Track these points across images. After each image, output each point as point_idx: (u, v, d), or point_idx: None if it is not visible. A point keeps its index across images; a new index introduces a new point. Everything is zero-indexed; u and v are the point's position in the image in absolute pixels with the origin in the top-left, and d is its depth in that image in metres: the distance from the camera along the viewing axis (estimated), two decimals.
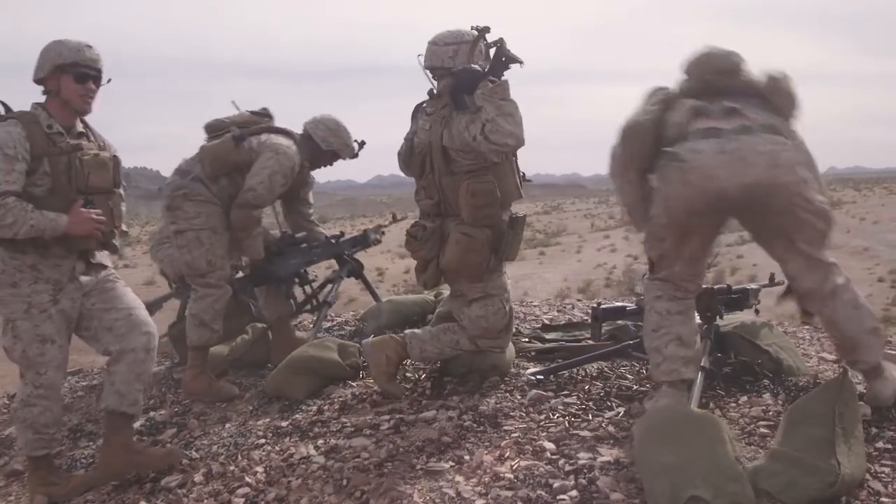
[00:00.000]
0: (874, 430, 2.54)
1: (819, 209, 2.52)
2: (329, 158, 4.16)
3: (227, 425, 3.37)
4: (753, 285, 3.51)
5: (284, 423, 3.20)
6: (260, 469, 2.77)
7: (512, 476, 2.40)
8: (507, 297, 3.31)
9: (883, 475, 2.27)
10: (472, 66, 3.08)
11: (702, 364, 2.86)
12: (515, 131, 3.00)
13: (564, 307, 5.24)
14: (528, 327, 4.31)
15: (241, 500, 2.59)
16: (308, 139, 4.08)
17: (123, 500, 2.81)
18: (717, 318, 3.23)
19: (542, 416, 2.88)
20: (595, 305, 3.63)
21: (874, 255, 18.68)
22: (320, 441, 2.93)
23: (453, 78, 3.11)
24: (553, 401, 3.02)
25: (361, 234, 4.67)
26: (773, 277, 3.43)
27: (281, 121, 4.10)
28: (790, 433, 2.29)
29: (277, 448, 2.95)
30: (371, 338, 3.43)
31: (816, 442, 2.20)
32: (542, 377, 3.30)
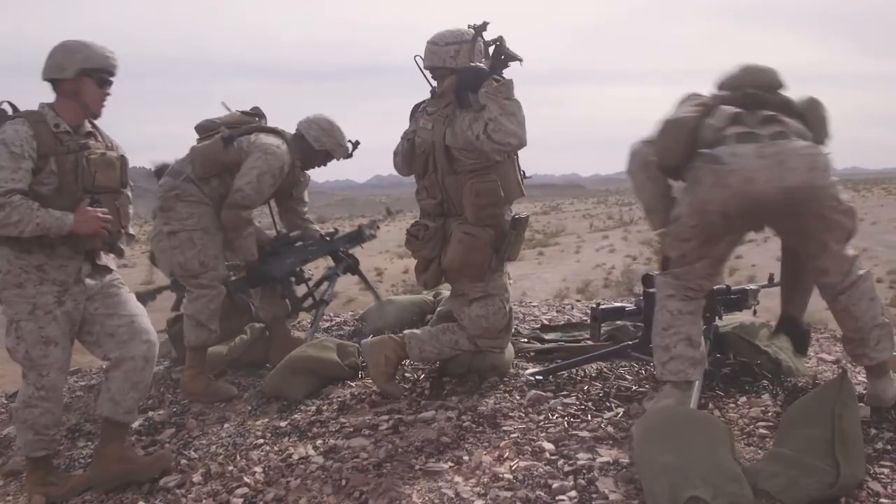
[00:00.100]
0: (873, 431, 2.54)
1: (848, 209, 2.62)
2: (322, 158, 4.14)
3: (226, 425, 3.37)
4: (752, 286, 3.51)
5: (283, 424, 3.19)
6: (258, 469, 2.77)
7: (511, 476, 2.40)
8: (508, 297, 3.31)
9: (882, 476, 2.27)
10: (477, 64, 3.08)
11: None
12: (518, 131, 3.00)
13: (563, 307, 5.24)
14: (528, 328, 4.31)
15: (240, 501, 2.58)
16: (300, 139, 4.05)
17: (122, 500, 2.81)
18: (716, 318, 3.24)
19: (542, 417, 2.89)
20: (594, 306, 3.64)
21: (873, 255, 18.66)
22: (319, 441, 2.93)
23: (457, 76, 3.11)
24: (552, 401, 3.02)
25: (356, 229, 4.65)
26: (772, 278, 3.43)
27: (281, 121, 4.05)
28: (789, 434, 2.30)
29: (276, 448, 2.94)
30: (370, 338, 3.44)
31: (815, 442, 2.21)
32: (541, 377, 3.30)
